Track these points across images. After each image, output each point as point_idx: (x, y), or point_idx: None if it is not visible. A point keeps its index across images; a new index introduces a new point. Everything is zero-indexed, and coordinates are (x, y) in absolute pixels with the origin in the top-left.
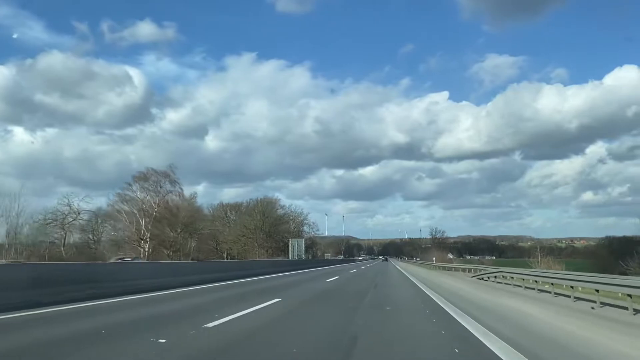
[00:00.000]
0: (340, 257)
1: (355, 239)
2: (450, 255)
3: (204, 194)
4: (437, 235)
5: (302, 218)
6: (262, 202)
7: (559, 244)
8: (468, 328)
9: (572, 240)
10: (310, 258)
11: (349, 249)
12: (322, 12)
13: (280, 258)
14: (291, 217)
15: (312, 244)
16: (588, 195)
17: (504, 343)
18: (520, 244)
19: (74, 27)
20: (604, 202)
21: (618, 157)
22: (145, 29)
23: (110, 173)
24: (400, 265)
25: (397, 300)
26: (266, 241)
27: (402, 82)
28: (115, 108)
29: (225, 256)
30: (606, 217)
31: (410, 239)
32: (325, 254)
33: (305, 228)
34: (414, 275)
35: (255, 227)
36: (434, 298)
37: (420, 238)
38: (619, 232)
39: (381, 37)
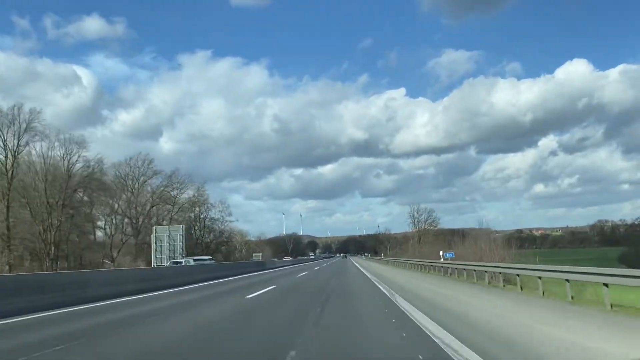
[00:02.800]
0: (255, 258)
1: (312, 237)
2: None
3: None
4: (423, 219)
5: (196, 193)
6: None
7: (533, 234)
8: None
9: (530, 231)
10: (212, 262)
11: (298, 248)
12: (279, 5)
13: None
14: (175, 188)
15: (225, 241)
16: (539, 187)
17: None
18: (493, 235)
19: (14, 23)
20: (555, 193)
21: (568, 149)
22: (93, 25)
23: None
24: (373, 272)
25: None
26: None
27: (360, 78)
28: (62, 110)
29: None
30: (555, 208)
31: (368, 235)
32: (255, 255)
33: (213, 214)
34: None
35: None
36: None
37: (378, 233)
38: (570, 223)
39: (339, 32)
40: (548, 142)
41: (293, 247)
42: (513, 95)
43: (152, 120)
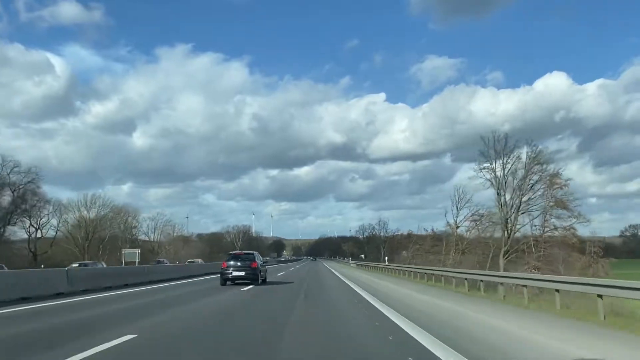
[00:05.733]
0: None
1: (281, 238)
2: None
3: (128, 194)
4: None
5: None
6: None
7: None
8: None
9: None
10: None
11: (257, 249)
12: (265, 1)
13: None
14: None
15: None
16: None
17: None
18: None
19: None
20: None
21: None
22: (69, 10)
23: None
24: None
25: None
26: None
27: (342, 80)
28: (33, 98)
29: None
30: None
31: (343, 237)
32: (126, 252)
33: None
34: None
35: None
36: None
37: (355, 234)
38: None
39: (325, 32)
40: (523, 153)
41: (247, 247)
42: (492, 105)
43: (125, 113)
